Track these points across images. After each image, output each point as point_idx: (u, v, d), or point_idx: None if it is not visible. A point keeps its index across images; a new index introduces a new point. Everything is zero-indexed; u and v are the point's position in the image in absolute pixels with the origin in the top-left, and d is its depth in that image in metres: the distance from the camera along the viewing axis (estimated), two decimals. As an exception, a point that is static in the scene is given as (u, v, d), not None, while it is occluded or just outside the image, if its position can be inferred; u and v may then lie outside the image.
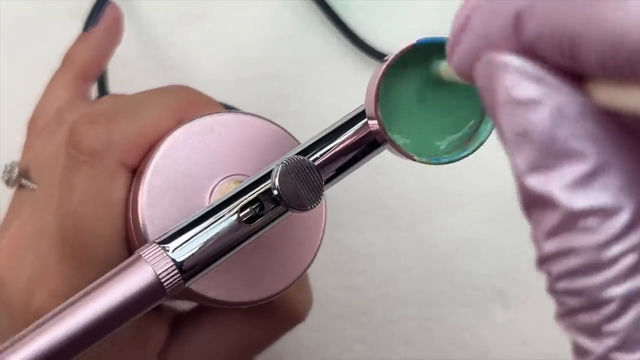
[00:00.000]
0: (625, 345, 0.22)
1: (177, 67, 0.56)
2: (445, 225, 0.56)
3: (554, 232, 0.22)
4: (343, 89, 0.57)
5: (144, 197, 0.36)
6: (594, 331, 0.23)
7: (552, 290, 0.23)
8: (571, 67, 0.22)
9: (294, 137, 0.38)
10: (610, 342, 0.22)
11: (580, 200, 0.22)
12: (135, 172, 0.38)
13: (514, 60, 0.22)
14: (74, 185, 0.38)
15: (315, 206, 0.32)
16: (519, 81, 0.22)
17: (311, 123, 0.56)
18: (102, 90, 0.51)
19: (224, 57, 0.56)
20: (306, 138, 0.38)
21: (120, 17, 0.48)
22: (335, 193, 0.54)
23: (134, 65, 0.56)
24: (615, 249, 0.22)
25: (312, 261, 0.38)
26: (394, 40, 0.57)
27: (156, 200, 0.36)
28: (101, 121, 0.38)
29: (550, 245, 0.23)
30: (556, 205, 0.22)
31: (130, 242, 0.38)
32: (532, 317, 0.54)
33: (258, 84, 0.56)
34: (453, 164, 0.33)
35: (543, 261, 0.23)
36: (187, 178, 0.36)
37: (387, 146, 0.33)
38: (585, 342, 0.23)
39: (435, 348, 0.55)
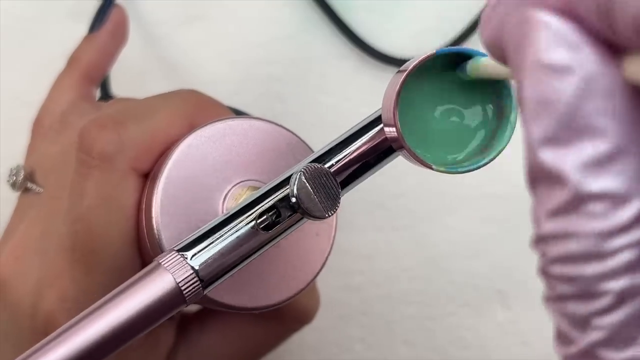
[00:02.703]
0: (612, 342, 0.21)
1: (178, 68, 0.56)
2: (445, 225, 0.56)
3: (557, 212, 0.21)
4: (343, 89, 0.57)
5: (158, 203, 0.35)
6: (582, 322, 0.21)
7: (545, 272, 0.22)
8: (608, 36, 0.20)
9: (304, 142, 0.38)
10: (596, 336, 0.21)
11: (592, 182, 0.21)
12: (147, 177, 0.38)
13: (551, 21, 0.21)
14: (84, 190, 0.38)
15: (332, 214, 0.32)
16: (553, 44, 0.21)
17: (311, 123, 0.56)
18: (105, 91, 0.51)
19: (225, 57, 0.56)
20: (307, 138, 0.38)
21: (126, 19, 0.48)
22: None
23: (136, 65, 0.56)
24: (619, 241, 0.21)
25: (321, 268, 0.38)
26: (394, 40, 0.57)
27: (170, 207, 0.36)
28: (111, 126, 0.38)
29: (551, 225, 0.21)
30: (566, 184, 0.21)
31: (141, 246, 0.38)
32: (532, 317, 0.55)
33: (259, 84, 0.56)
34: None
35: (540, 240, 0.22)
36: (200, 184, 0.36)
37: (402, 153, 0.33)
38: (571, 331, 0.22)
39: (435, 348, 0.55)
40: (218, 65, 0.56)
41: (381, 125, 0.33)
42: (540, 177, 0.21)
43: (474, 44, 0.56)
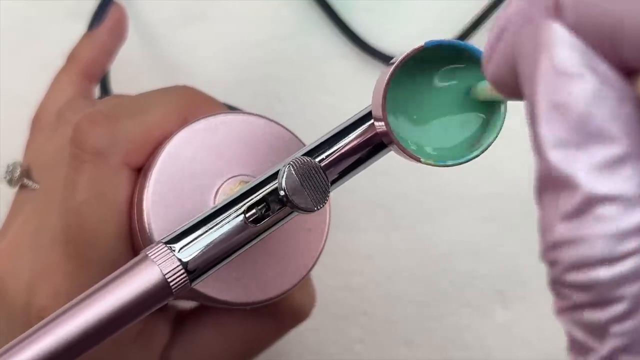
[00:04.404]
0: (632, 347, 0.21)
1: (178, 67, 0.56)
2: (445, 225, 0.56)
3: (569, 216, 0.21)
4: (343, 89, 0.57)
5: (149, 197, 0.36)
6: (600, 330, 0.21)
7: (558, 282, 0.22)
8: (613, 58, 0.21)
9: (297, 137, 0.38)
10: (616, 342, 0.21)
11: (604, 185, 0.21)
12: (139, 172, 0.38)
13: (563, 32, 0.22)
14: (77, 184, 0.38)
15: (321, 207, 0.32)
16: (566, 51, 0.21)
17: (311, 123, 0.56)
18: (105, 89, 0.51)
19: (224, 57, 0.56)
20: (307, 138, 0.38)
21: (124, 17, 0.49)
22: (336, 194, 0.53)
23: (135, 64, 0.56)
24: (633, 243, 0.21)
25: (315, 263, 0.38)
26: (394, 40, 0.57)
27: (161, 201, 0.36)
28: (105, 121, 0.38)
29: (564, 230, 0.21)
30: (577, 187, 0.21)
31: (134, 241, 0.38)
32: (532, 317, 0.55)
33: (258, 84, 0.56)
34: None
35: (552, 247, 0.22)
36: (192, 179, 0.36)
37: (393, 148, 0.33)
38: (588, 340, 0.22)
39: (435, 348, 0.55)
40: (217, 64, 0.56)
41: (372, 120, 0.33)
42: (550, 182, 0.22)
43: (475, 43, 0.56)
